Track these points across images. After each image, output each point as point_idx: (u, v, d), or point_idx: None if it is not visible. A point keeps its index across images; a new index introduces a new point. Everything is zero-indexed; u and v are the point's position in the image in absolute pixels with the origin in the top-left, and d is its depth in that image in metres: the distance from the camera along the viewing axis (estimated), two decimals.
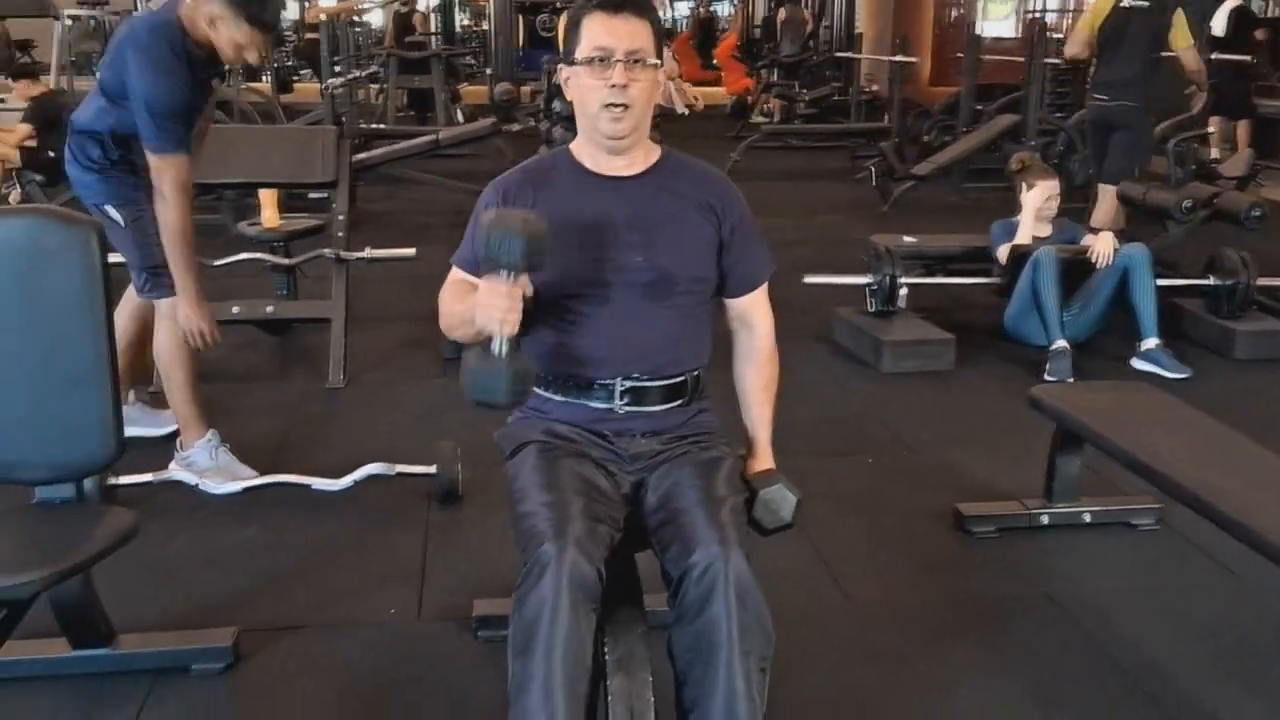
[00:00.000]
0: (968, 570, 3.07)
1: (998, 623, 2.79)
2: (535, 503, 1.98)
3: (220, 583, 2.91)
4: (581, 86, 2.07)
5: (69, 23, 12.09)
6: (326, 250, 4.60)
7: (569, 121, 4.15)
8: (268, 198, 4.91)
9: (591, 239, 2.09)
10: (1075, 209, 6.65)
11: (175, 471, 3.47)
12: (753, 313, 2.27)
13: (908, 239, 5.43)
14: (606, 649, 1.93)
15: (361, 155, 7.76)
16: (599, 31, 2.04)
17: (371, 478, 3.36)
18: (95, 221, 2.25)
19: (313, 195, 6.45)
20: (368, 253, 4.62)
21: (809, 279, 5.12)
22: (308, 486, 3.35)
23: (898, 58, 10.07)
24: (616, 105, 2.04)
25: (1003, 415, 4.13)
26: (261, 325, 4.79)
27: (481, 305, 1.90)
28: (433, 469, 3.36)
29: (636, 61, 2.04)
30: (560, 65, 2.17)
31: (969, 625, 2.78)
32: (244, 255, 4.66)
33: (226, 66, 3.46)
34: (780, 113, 13.22)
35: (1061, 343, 4.59)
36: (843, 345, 5.09)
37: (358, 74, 10.30)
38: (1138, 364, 4.68)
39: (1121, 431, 2.78)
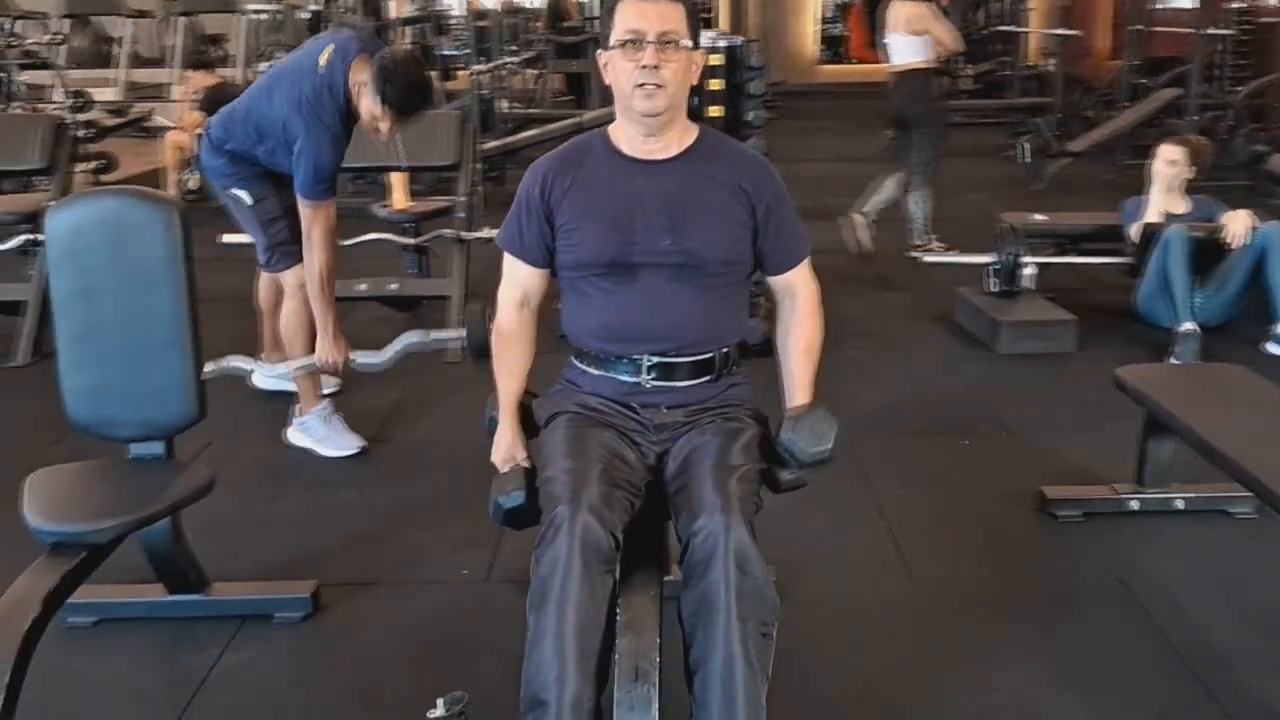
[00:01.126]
0: (1041, 553, 3.02)
1: (1061, 606, 2.74)
2: (557, 469, 2.07)
3: (312, 540, 3.11)
4: (616, 69, 2.14)
5: (253, 17, 12.79)
6: (447, 230, 4.80)
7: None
8: (398, 181, 5.14)
9: (622, 221, 2.15)
10: (1235, 186, 6.33)
11: (293, 436, 3.72)
12: (795, 285, 2.30)
13: (1037, 217, 5.28)
14: (619, 610, 2.00)
15: (507, 139, 7.98)
16: (631, 15, 2.10)
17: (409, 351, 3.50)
18: (177, 200, 2.45)
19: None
20: (486, 233, 4.78)
21: (926, 258, 5.04)
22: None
23: (1060, 31, 9.70)
24: (650, 84, 2.09)
25: (1114, 399, 3.96)
26: (390, 302, 5.02)
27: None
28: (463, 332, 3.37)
29: (668, 43, 2.09)
30: (599, 51, 2.24)
31: (1030, 606, 2.75)
32: (372, 235, 4.89)
33: None
34: (945, 88, 12.91)
35: (1190, 325, 4.40)
36: (964, 326, 5.00)
37: (509, 60, 10.55)
38: (1271, 348, 4.44)
39: (1198, 414, 2.68)
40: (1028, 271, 4.87)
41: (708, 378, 2.23)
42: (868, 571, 2.93)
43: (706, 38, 4.39)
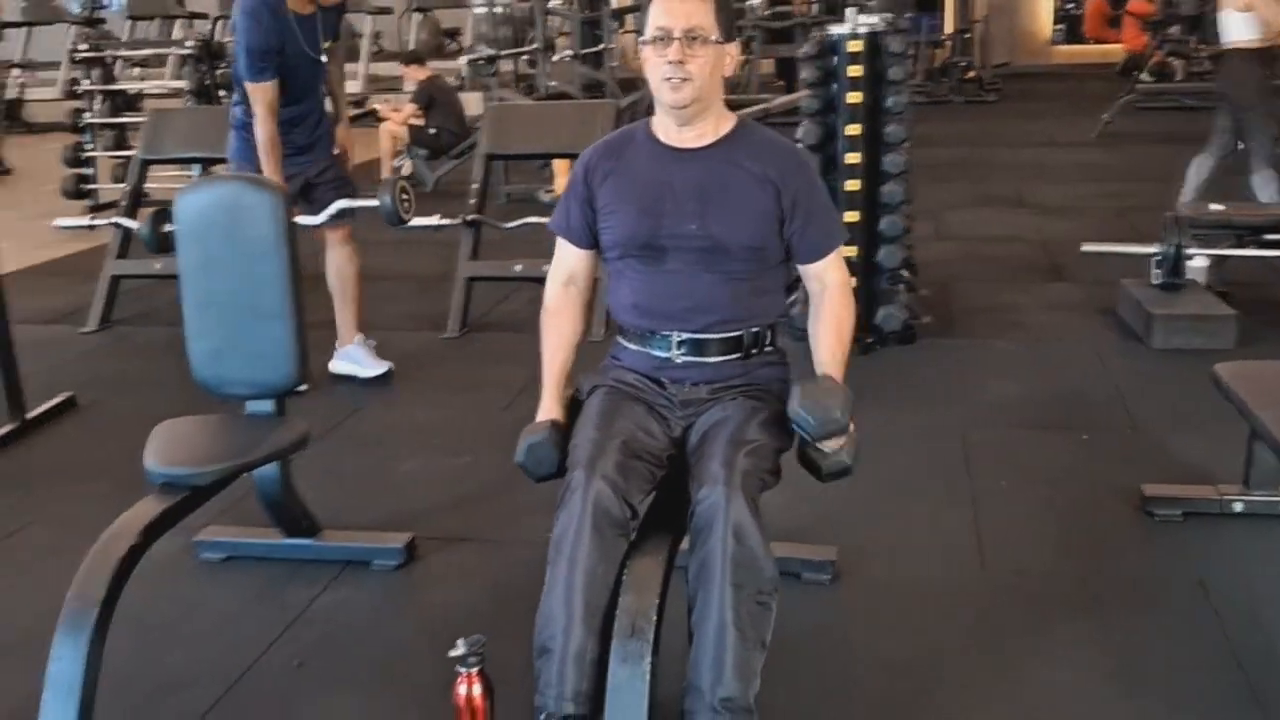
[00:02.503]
0: (1126, 551, 2.94)
1: (1132, 604, 2.69)
2: (583, 437, 2.23)
3: (422, 497, 3.39)
4: (649, 63, 2.26)
5: (482, 11, 13.43)
6: None
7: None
8: (560, 167, 5.40)
9: (653, 205, 2.29)
10: None
11: (336, 365, 4.39)
12: (824, 275, 2.36)
13: (1214, 207, 5.01)
14: (625, 571, 2.14)
15: None
16: (660, 13, 2.22)
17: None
18: (283, 187, 2.73)
19: None
20: None
21: (1086, 247, 4.88)
22: None
23: None
24: (675, 77, 2.21)
25: None
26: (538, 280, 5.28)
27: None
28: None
29: (694, 39, 2.20)
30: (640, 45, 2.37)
31: (1100, 603, 2.71)
32: (531, 219, 5.16)
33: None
34: (1181, 71, 12.19)
35: None
36: (1123, 319, 4.82)
37: None
38: None
39: None
40: (1195, 264, 4.65)
41: (736, 356, 2.33)
42: (941, 559, 2.95)
43: (847, 21, 4.42)
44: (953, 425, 3.78)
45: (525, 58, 10.12)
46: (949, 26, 14.54)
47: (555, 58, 9.68)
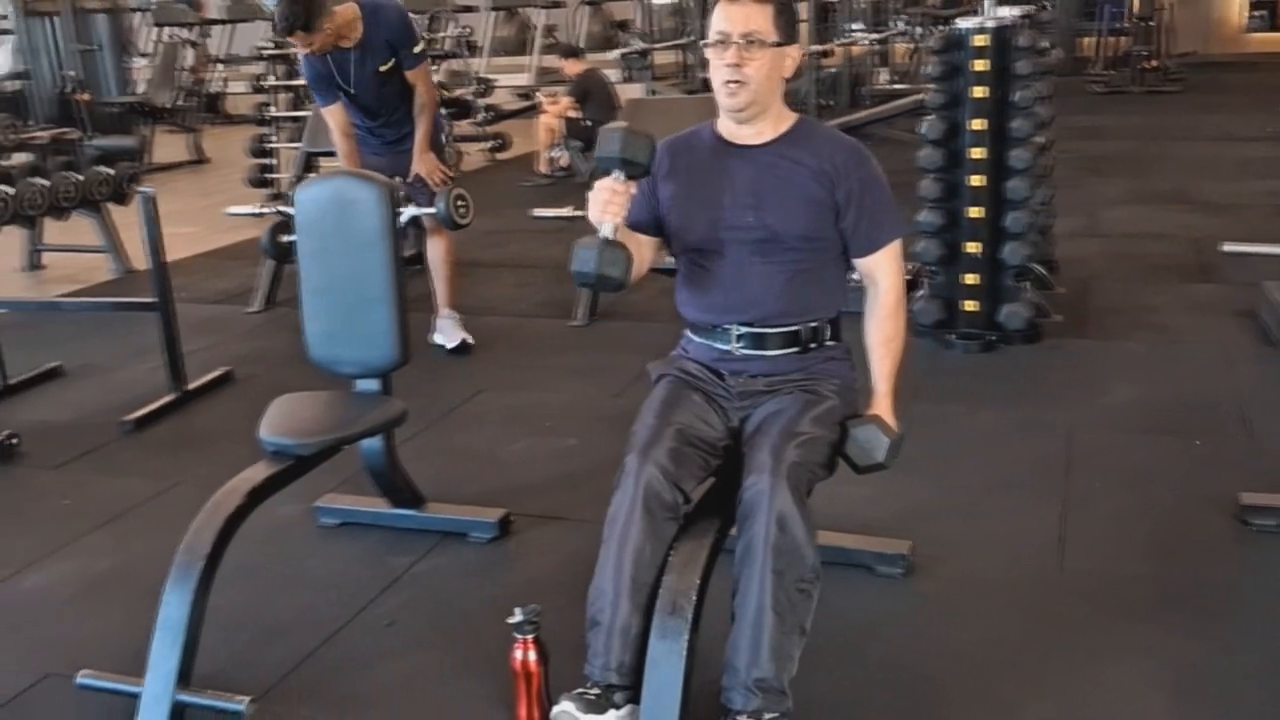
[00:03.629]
0: (1212, 559, 2.88)
1: (1207, 613, 2.64)
2: (641, 424, 2.35)
3: (526, 477, 3.57)
4: (710, 66, 2.36)
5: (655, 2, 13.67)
6: None
7: None
8: None
9: (713, 200, 2.38)
10: None
11: (434, 336, 4.80)
12: (876, 272, 2.42)
13: None
14: (672, 551, 2.25)
15: (849, 117, 8.12)
16: (719, 17, 2.32)
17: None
18: (389, 181, 2.92)
19: None
20: None
21: (1226, 247, 4.69)
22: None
23: None
24: (732, 82, 2.30)
25: None
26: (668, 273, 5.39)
27: (592, 200, 2.26)
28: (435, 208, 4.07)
29: (752, 43, 2.29)
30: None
31: (1173, 610, 2.67)
32: None
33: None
34: None
35: None
36: (1263, 323, 4.62)
37: (861, 33, 10.56)
38: None
39: None
40: None
41: (794, 349, 2.41)
42: (1018, 557, 2.95)
43: (983, 15, 4.38)
44: (1061, 425, 3.74)
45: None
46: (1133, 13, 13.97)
47: None
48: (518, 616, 2.31)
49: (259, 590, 2.98)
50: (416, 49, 4.53)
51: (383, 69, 4.46)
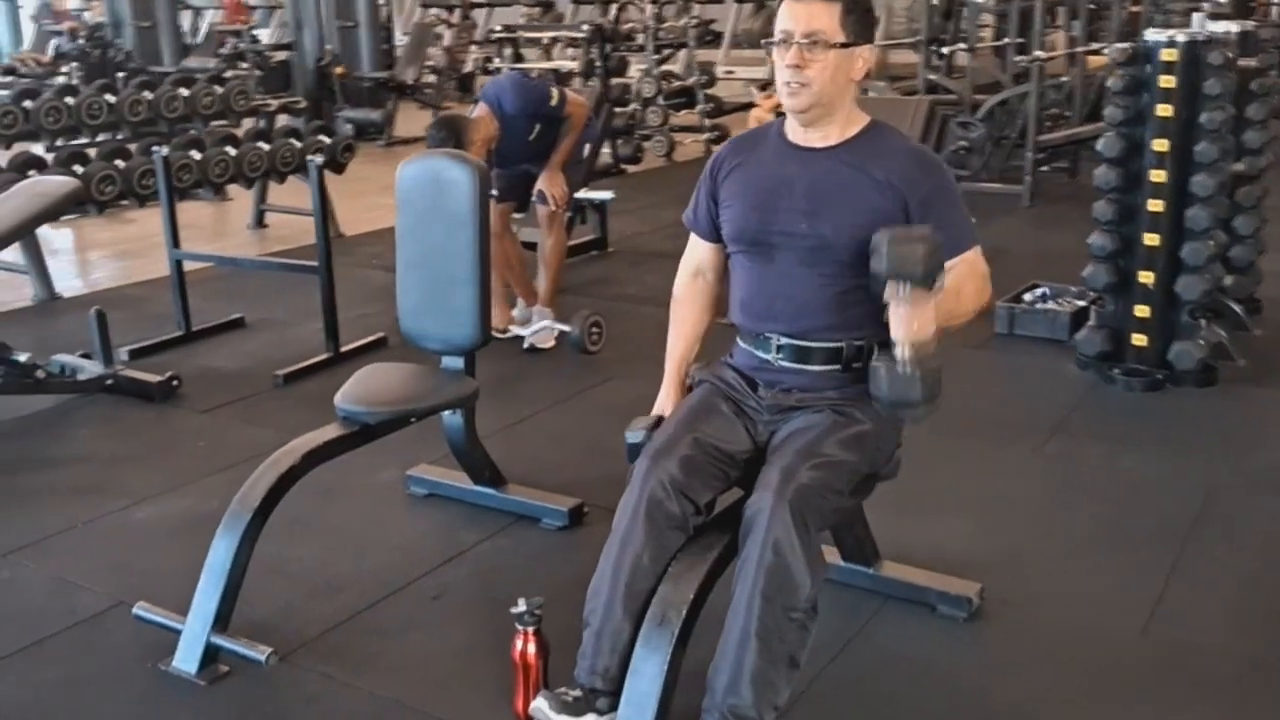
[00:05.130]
0: None
1: None
2: (664, 429, 2.29)
3: (621, 469, 3.54)
4: (775, 66, 2.27)
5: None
6: None
7: None
8: None
9: (768, 202, 2.29)
10: None
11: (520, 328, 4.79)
12: (961, 265, 2.24)
13: None
14: (672, 562, 2.19)
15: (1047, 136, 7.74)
16: (783, 15, 2.22)
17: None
18: (480, 164, 2.96)
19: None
20: None
21: None
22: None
23: None
24: (793, 83, 2.20)
25: None
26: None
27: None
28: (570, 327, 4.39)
29: (815, 43, 2.18)
30: None
31: (1257, 694, 2.38)
32: None
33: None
34: None
35: None
36: None
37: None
38: None
39: None
40: None
41: (835, 367, 2.29)
42: (1100, 617, 2.71)
43: (1194, 26, 4.04)
44: (1203, 480, 3.40)
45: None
46: None
47: (946, 50, 9.41)
48: (520, 607, 2.31)
49: (333, 547, 3.10)
50: (553, 100, 4.66)
51: (530, 139, 4.68)
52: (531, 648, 2.30)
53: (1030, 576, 2.91)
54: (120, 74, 8.43)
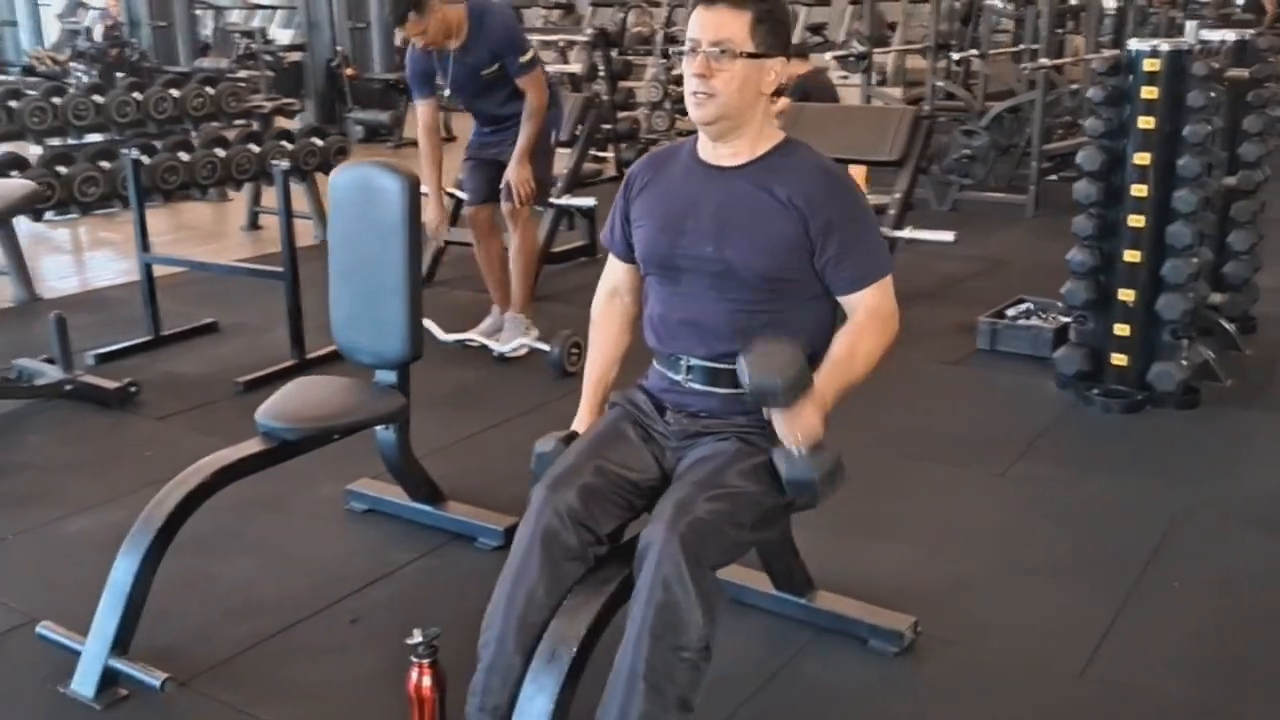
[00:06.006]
0: (1270, 692, 2.42)
1: None
2: (565, 454, 2.19)
3: None
4: (685, 75, 2.16)
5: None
6: None
7: None
8: (858, 174, 5.19)
9: (675, 224, 2.19)
10: None
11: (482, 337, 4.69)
12: (859, 310, 2.14)
13: None
14: (566, 598, 2.09)
15: (1056, 144, 7.58)
16: (692, 23, 2.11)
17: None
18: (410, 172, 2.87)
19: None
20: (907, 232, 4.70)
21: None
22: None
23: None
24: (699, 93, 2.10)
25: None
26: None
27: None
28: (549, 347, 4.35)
29: (723, 52, 2.07)
30: None
31: None
32: None
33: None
34: None
35: None
36: None
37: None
38: None
39: None
40: None
41: (743, 391, 2.17)
42: (1039, 654, 2.59)
43: (1186, 35, 3.91)
44: (1169, 508, 3.27)
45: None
46: None
47: (955, 56, 9.25)
48: (416, 638, 2.21)
49: (260, 564, 3.02)
50: (524, 57, 4.42)
51: (484, 73, 4.42)
52: (427, 680, 2.20)
53: (974, 607, 2.79)
54: (119, 74, 8.44)
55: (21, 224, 6.41)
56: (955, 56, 9.41)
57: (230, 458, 2.66)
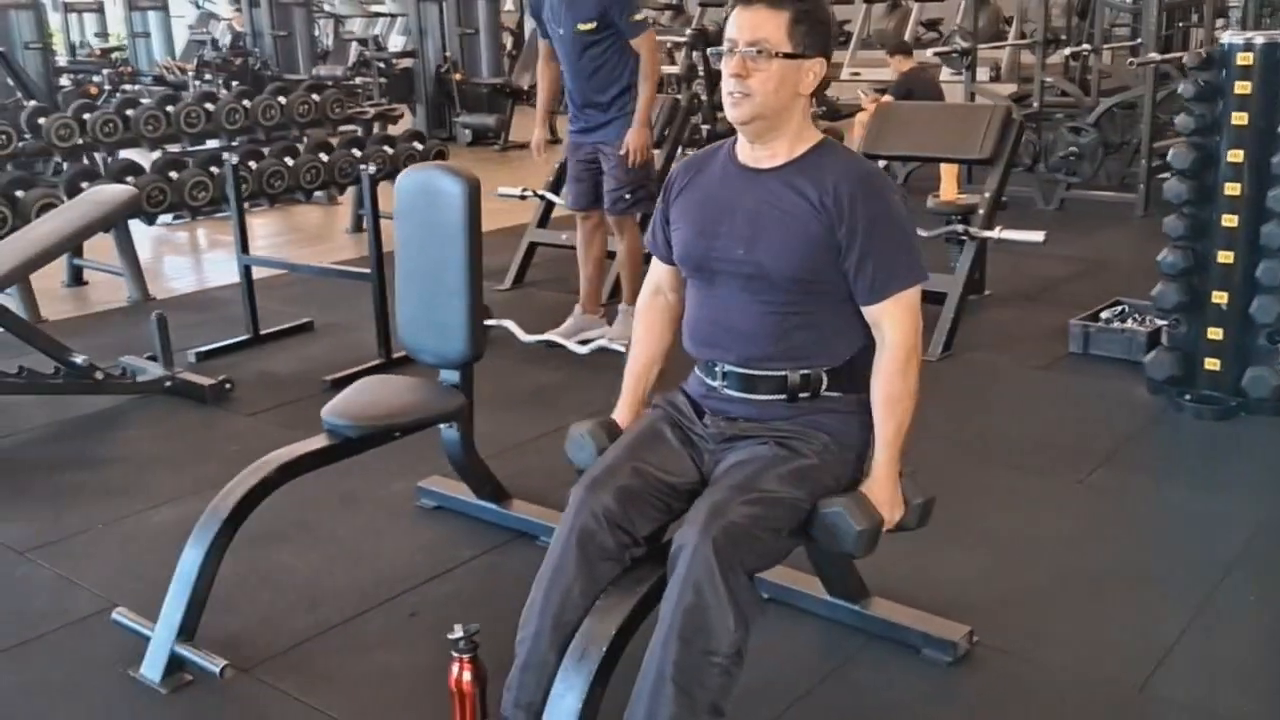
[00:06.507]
0: None
1: None
2: (605, 454, 2.21)
3: None
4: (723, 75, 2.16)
5: None
6: (958, 226, 4.69)
7: None
8: (948, 172, 5.10)
9: (710, 226, 2.19)
10: None
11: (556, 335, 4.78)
12: (884, 323, 2.12)
13: None
14: (600, 598, 2.10)
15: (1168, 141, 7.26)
16: (731, 23, 2.11)
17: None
18: (472, 175, 2.91)
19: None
20: (997, 232, 4.59)
21: None
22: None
23: None
24: (735, 93, 2.10)
25: None
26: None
27: None
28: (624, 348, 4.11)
29: (760, 52, 2.07)
30: None
31: None
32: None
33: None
34: None
35: None
36: None
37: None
38: None
39: None
40: None
41: (780, 397, 2.17)
42: (1099, 668, 2.51)
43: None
44: (1253, 519, 3.14)
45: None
46: None
47: (1066, 51, 9.01)
48: (457, 633, 2.25)
49: (329, 557, 3.11)
50: (636, 15, 4.40)
51: (582, 27, 4.37)
52: (467, 676, 2.24)
53: (1036, 618, 2.72)
54: (233, 82, 8.74)
55: (143, 228, 6.73)
56: (1067, 51, 9.16)
57: (294, 453, 2.75)
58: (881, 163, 8.72)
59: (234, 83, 9.03)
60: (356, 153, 6.72)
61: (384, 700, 2.49)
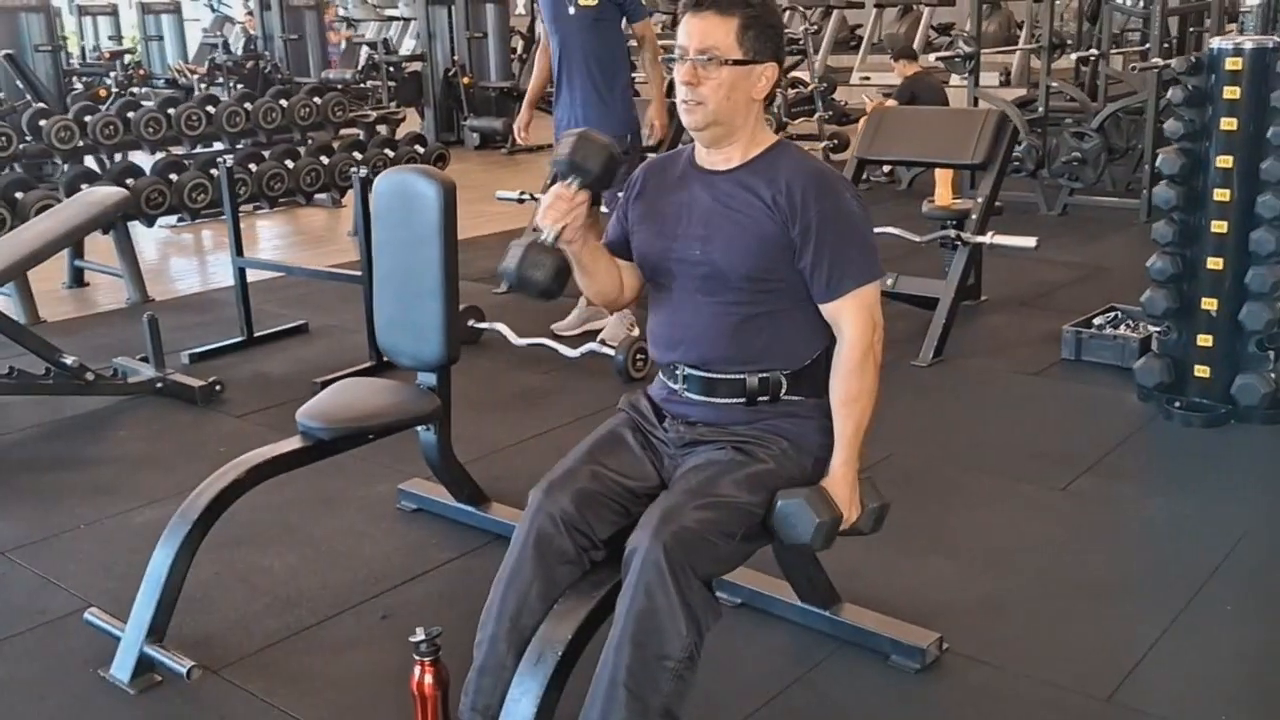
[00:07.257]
0: None
1: None
2: (564, 460, 2.21)
3: None
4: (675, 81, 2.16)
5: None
6: (951, 231, 4.67)
7: None
8: (943, 177, 5.08)
9: (667, 228, 2.19)
10: None
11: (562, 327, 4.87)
12: (841, 321, 2.12)
13: None
14: (558, 602, 2.10)
15: None
16: (681, 30, 2.11)
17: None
18: (447, 178, 2.92)
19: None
20: (989, 238, 4.57)
21: None
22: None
23: None
24: (689, 100, 2.10)
25: None
26: (912, 301, 4.99)
27: (546, 206, 2.12)
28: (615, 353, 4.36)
29: (710, 59, 2.06)
30: None
31: None
32: (886, 229, 4.92)
33: None
34: None
35: None
36: None
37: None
38: None
39: None
40: None
41: (739, 401, 2.16)
42: (1068, 677, 2.49)
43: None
44: (1237, 528, 3.11)
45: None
46: None
47: (1074, 56, 8.97)
48: (418, 636, 2.25)
49: (305, 559, 3.12)
50: None
51: (583, 3, 4.45)
52: (428, 679, 2.24)
53: (1008, 626, 2.71)
54: (239, 85, 8.78)
55: (145, 230, 6.77)
56: (1073, 56, 9.12)
57: (267, 455, 2.75)
58: (885, 167, 8.91)
59: (241, 86, 9.08)
60: (357, 156, 6.75)
61: (348, 703, 2.49)
